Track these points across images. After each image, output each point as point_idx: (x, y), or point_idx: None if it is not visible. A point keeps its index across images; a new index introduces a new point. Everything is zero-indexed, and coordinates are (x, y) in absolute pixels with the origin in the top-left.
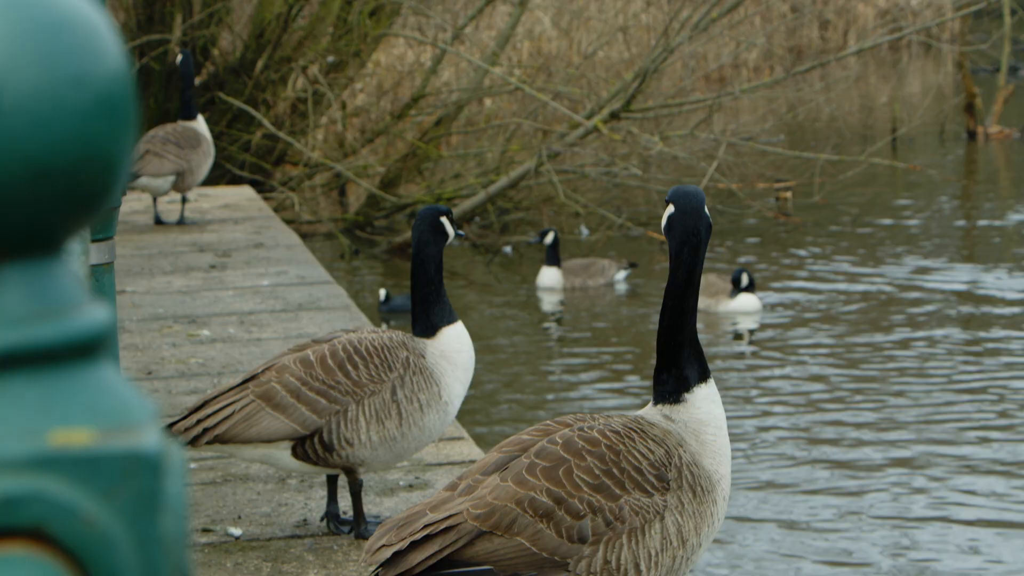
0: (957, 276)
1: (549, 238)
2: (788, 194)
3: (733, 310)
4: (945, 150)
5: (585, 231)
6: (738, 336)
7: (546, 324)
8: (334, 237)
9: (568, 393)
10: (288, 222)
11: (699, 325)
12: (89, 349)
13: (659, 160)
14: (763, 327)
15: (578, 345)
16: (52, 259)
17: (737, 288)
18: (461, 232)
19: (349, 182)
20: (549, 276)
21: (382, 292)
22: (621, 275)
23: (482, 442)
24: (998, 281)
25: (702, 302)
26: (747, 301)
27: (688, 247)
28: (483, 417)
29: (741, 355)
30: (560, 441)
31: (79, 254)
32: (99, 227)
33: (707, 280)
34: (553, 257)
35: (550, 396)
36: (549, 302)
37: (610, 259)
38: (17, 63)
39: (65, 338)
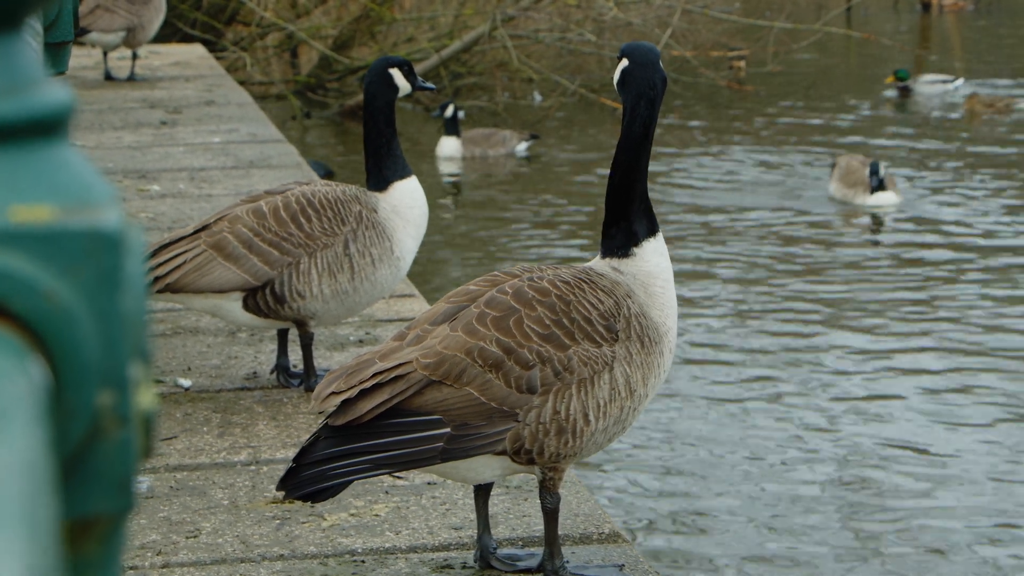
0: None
1: (449, 111)
2: (742, 63)
3: (873, 204)
4: (899, 20)
5: (538, 97)
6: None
7: (448, 184)
8: (285, 99)
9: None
10: (239, 83)
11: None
12: (51, 127)
13: (613, 26)
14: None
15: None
16: (12, 36)
17: (878, 183)
18: (428, 85)
19: (301, 44)
20: (449, 146)
21: None
22: (523, 146)
23: (432, 300)
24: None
25: (840, 191)
26: (886, 197)
27: (645, 100)
28: (431, 273)
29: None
30: (510, 291)
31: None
32: (52, 61)
33: (848, 166)
34: (452, 128)
35: (503, 252)
36: (448, 170)
37: (512, 130)
38: None
39: (26, 114)
